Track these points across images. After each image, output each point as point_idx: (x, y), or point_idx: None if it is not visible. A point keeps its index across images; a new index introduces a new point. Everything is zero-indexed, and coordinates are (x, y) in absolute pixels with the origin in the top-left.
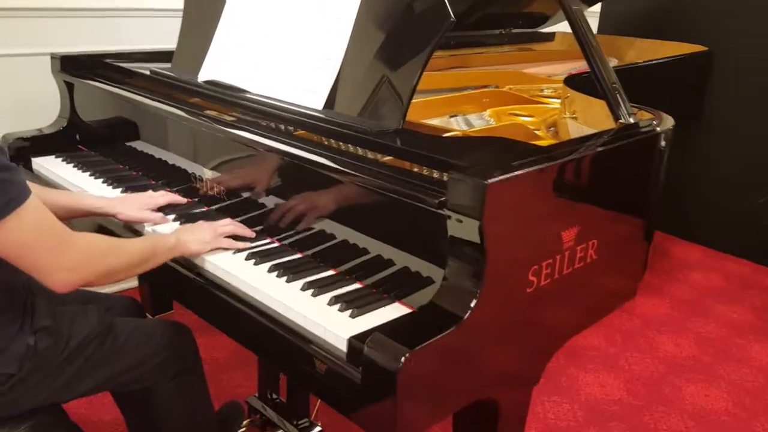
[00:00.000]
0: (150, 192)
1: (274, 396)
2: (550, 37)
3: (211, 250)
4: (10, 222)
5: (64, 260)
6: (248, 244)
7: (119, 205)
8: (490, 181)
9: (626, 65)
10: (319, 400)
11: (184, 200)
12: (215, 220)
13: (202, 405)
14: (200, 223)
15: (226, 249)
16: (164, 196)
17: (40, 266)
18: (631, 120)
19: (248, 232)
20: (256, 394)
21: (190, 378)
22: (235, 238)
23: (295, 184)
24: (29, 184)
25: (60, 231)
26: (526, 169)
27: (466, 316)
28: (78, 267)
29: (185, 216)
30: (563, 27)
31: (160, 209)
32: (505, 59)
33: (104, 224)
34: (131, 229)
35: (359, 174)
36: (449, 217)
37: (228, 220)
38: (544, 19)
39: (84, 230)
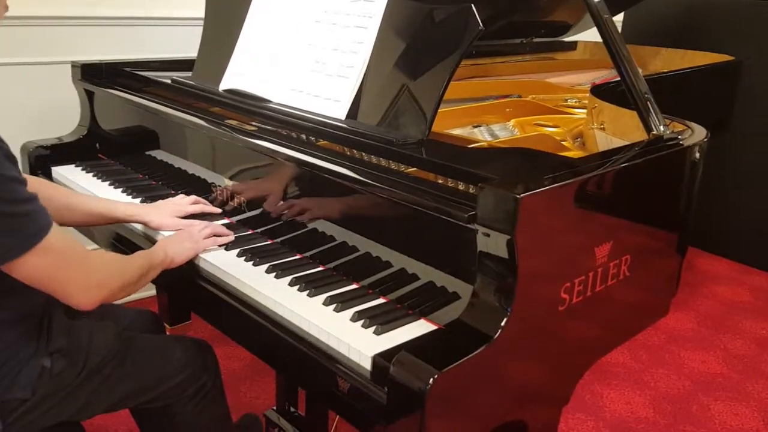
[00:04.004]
0: (179, 197)
1: (293, 409)
2: (573, 45)
3: (196, 254)
4: (40, 250)
5: (92, 279)
6: (231, 239)
7: (152, 213)
8: (522, 194)
9: (652, 74)
10: (338, 416)
11: (216, 210)
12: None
13: (221, 421)
14: (180, 232)
15: (216, 249)
16: (194, 205)
17: (70, 286)
18: (665, 131)
19: (226, 231)
20: (274, 407)
21: (210, 395)
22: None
23: (318, 196)
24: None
25: (82, 250)
26: (559, 183)
27: (496, 335)
28: (104, 282)
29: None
30: (585, 36)
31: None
32: (527, 68)
33: (124, 234)
34: (150, 240)
35: (384, 186)
36: (479, 231)
37: (205, 223)
38: (566, 28)
39: (102, 239)
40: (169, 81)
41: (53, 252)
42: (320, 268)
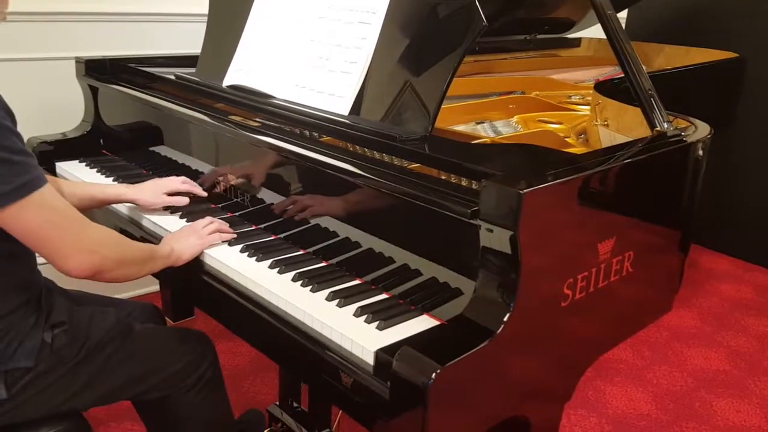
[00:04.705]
0: (170, 177)
1: (295, 405)
2: (576, 42)
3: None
4: (32, 202)
5: (85, 241)
6: (234, 235)
7: (138, 192)
8: (525, 190)
9: (656, 71)
10: (341, 411)
11: (202, 192)
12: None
13: (221, 414)
14: (185, 228)
15: (219, 244)
16: (184, 184)
17: (62, 245)
18: (668, 128)
19: (229, 230)
20: (277, 403)
21: (209, 387)
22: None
23: (321, 191)
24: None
25: (78, 214)
26: (562, 179)
27: (498, 331)
28: (98, 249)
29: (189, 214)
30: (589, 33)
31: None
32: (530, 65)
33: (122, 227)
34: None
35: (387, 181)
36: (482, 227)
37: (209, 219)
38: (570, 25)
39: None
40: (173, 77)
41: (47, 208)
42: (323, 264)
